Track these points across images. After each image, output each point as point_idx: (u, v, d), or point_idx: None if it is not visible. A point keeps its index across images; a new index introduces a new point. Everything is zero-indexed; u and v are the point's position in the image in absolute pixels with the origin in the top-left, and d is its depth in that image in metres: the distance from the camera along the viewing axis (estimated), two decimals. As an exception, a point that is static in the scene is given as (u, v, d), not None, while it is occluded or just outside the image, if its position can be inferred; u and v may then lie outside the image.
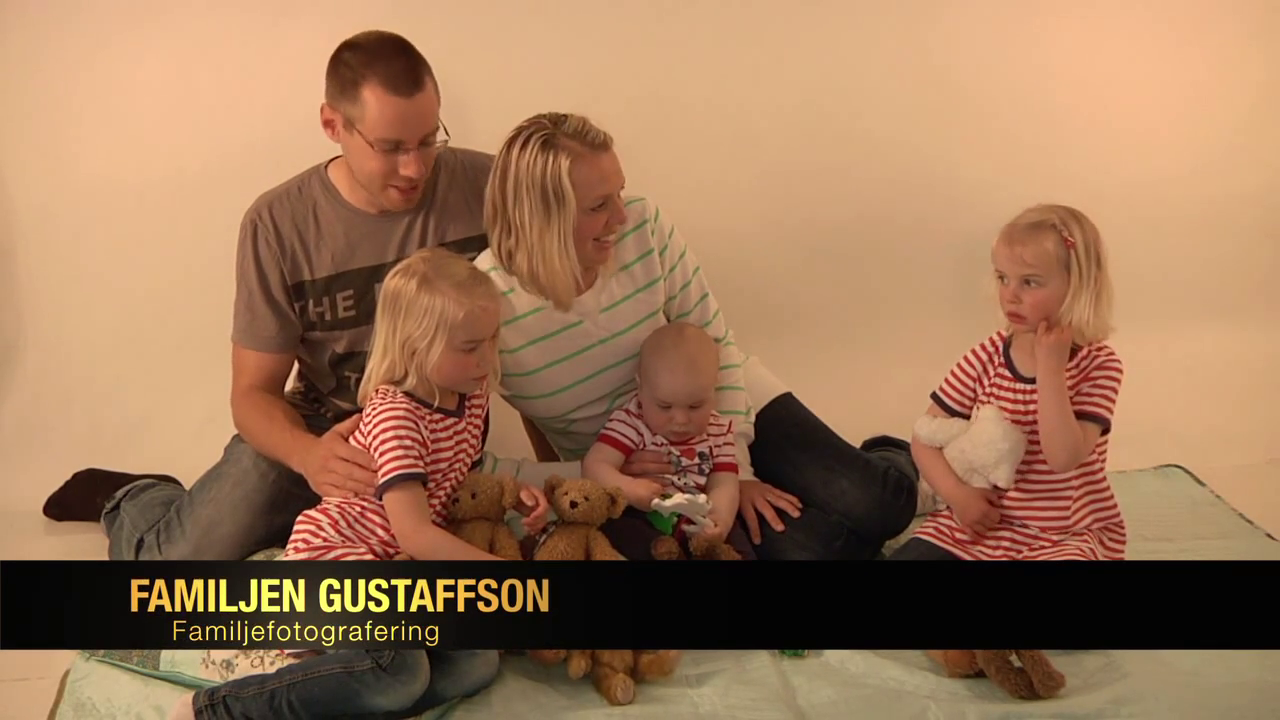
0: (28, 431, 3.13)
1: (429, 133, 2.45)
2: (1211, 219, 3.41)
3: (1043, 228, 2.28)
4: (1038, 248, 2.27)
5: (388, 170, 2.45)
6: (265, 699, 2.00)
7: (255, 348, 2.56)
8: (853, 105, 3.26)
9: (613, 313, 2.53)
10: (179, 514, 2.58)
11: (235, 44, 3.06)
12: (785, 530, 2.50)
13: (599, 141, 2.38)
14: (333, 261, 2.54)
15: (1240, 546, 2.65)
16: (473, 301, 2.23)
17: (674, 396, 2.44)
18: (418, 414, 2.25)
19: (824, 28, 3.22)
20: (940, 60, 3.27)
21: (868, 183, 3.30)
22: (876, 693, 2.13)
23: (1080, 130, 3.33)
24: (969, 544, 2.39)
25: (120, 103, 3.07)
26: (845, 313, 3.37)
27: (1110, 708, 2.05)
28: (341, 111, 2.44)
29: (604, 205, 2.39)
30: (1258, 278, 3.45)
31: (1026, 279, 2.28)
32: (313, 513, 2.25)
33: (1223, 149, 3.38)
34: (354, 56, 2.43)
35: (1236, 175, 3.39)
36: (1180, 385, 3.31)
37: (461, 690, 2.10)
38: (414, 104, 2.41)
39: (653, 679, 2.15)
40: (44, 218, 3.11)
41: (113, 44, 3.04)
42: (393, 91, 2.39)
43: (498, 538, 2.30)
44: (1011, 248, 2.29)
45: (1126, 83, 3.33)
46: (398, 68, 2.40)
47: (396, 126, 2.41)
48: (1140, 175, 3.35)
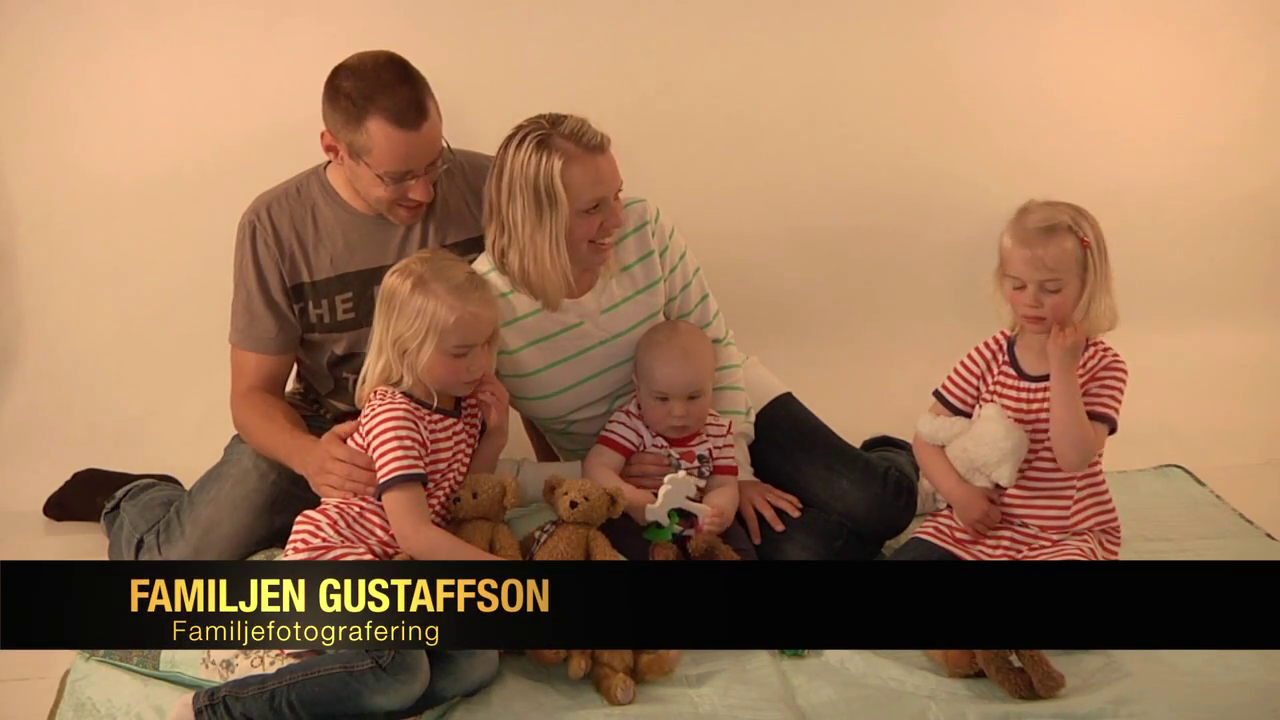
0: (28, 431, 3.13)
1: (437, 157, 2.45)
2: (1212, 219, 3.41)
3: (1058, 230, 2.27)
4: (1058, 250, 2.26)
5: (396, 196, 2.45)
6: (265, 699, 2.00)
7: (254, 349, 2.56)
8: (854, 106, 3.26)
9: (613, 314, 2.53)
10: (179, 514, 2.58)
11: (235, 44, 3.06)
12: (785, 530, 2.50)
13: (595, 143, 2.37)
14: (332, 264, 2.54)
15: (1240, 546, 2.65)
16: (465, 307, 2.22)
17: (670, 387, 2.44)
18: (417, 414, 2.25)
19: (824, 29, 3.22)
20: (942, 62, 3.27)
21: (868, 183, 3.30)
22: (876, 693, 2.13)
23: (1081, 131, 3.33)
24: (969, 543, 2.39)
25: (120, 102, 3.07)
26: (845, 313, 3.37)
27: (1110, 708, 2.05)
28: (345, 141, 2.41)
29: (598, 207, 2.39)
30: (1258, 278, 3.46)
31: (1046, 283, 2.27)
32: (312, 513, 2.25)
33: (1223, 150, 3.38)
34: (354, 87, 2.38)
35: (1237, 176, 3.39)
36: (1180, 385, 3.31)
37: (461, 690, 2.10)
38: (421, 135, 2.39)
39: (653, 679, 2.15)
40: (44, 218, 3.11)
41: (112, 44, 3.04)
42: (399, 125, 2.36)
43: (498, 538, 2.30)
44: (1032, 251, 2.26)
45: (1128, 84, 3.34)
46: (402, 100, 2.37)
47: (405, 159, 2.39)
48: (1141, 176, 3.36)
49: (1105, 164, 3.34)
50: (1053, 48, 3.30)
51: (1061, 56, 3.31)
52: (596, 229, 2.41)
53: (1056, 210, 2.29)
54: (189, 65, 3.06)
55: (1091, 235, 2.27)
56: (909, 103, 3.27)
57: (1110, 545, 2.38)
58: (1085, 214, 2.31)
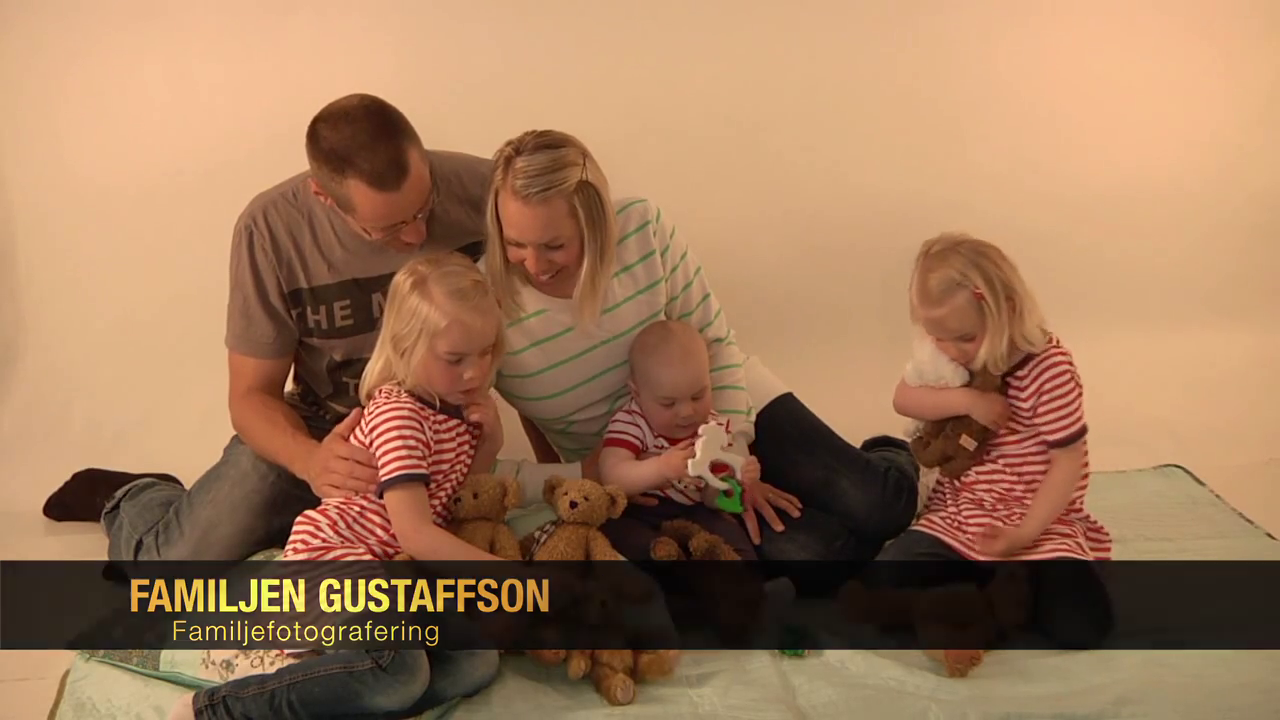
0: (28, 431, 3.13)
1: (424, 203, 2.40)
2: (1213, 220, 3.41)
3: (951, 289, 2.33)
4: (954, 310, 2.33)
5: (389, 239, 2.42)
6: (265, 699, 2.00)
7: (251, 353, 2.55)
8: (854, 105, 3.26)
9: (614, 314, 2.53)
10: (178, 515, 2.57)
11: (233, 44, 3.06)
12: (785, 530, 2.50)
13: (520, 190, 2.32)
14: (330, 270, 2.52)
15: (1240, 546, 2.65)
16: (458, 313, 2.22)
17: (676, 390, 2.44)
18: (421, 414, 2.25)
19: (825, 28, 3.22)
20: (943, 62, 3.27)
21: (869, 183, 3.30)
22: (877, 693, 2.13)
23: (1084, 130, 3.33)
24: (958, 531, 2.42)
25: (119, 103, 3.08)
26: (845, 313, 3.37)
27: (1111, 708, 2.05)
28: (331, 193, 2.37)
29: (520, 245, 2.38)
30: (1258, 278, 3.45)
31: (958, 338, 2.36)
32: (312, 513, 2.25)
33: (1224, 151, 3.38)
34: (334, 143, 2.31)
35: (1238, 177, 3.39)
36: (1180, 385, 3.31)
37: (461, 690, 2.09)
38: (402, 194, 2.33)
39: (653, 679, 2.15)
40: (43, 218, 3.11)
41: (111, 44, 3.04)
42: (379, 188, 2.31)
43: (498, 538, 2.30)
44: (930, 312, 2.36)
45: (1128, 84, 3.33)
46: (380, 161, 2.29)
47: (389, 216, 2.35)
48: (1141, 176, 3.36)
49: (1106, 164, 3.34)
50: (1054, 48, 3.30)
51: (1062, 57, 3.30)
52: (518, 257, 2.40)
53: (949, 261, 2.33)
54: (188, 64, 3.06)
55: (983, 284, 2.31)
56: (909, 103, 3.27)
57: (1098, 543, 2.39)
58: (980, 257, 2.33)
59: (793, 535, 2.49)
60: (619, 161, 2.43)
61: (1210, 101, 3.35)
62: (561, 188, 2.32)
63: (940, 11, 3.25)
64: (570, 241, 2.37)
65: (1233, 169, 3.39)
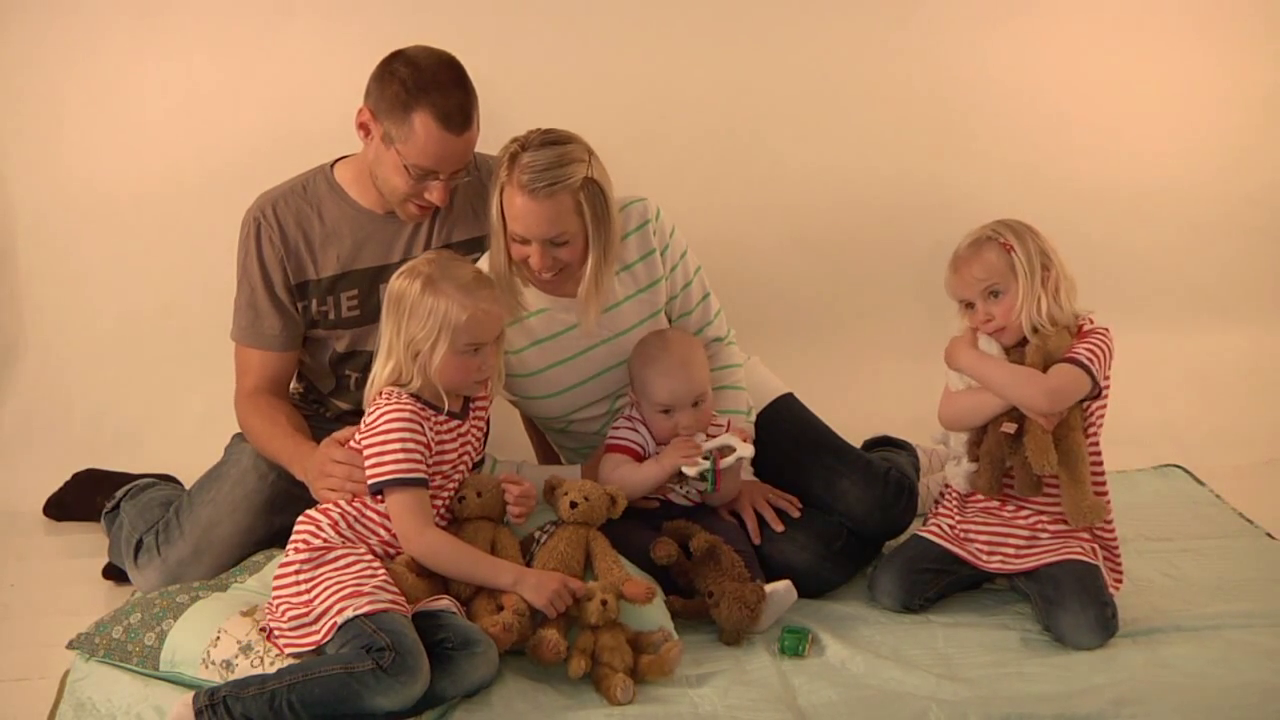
0: (28, 431, 3.13)
1: (463, 167, 2.45)
2: (1213, 220, 3.41)
3: (980, 243, 2.36)
4: (982, 261, 2.35)
5: (413, 191, 2.45)
6: (265, 699, 2.00)
7: (259, 346, 2.56)
8: (855, 105, 3.26)
9: (614, 313, 2.53)
10: (178, 515, 2.57)
11: (234, 46, 3.06)
12: (785, 530, 2.50)
13: (527, 185, 2.32)
14: (338, 261, 2.54)
15: (1240, 546, 2.66)
16: (476, 304, 2.22)
17: (675, 399, 2.44)
18: (423, 416, 2.24)
19: (825, 28, 3.22)
20: (942, 63, 3.27)
21: (869, 183, 3.30)
22: (877, 693, 2.13)
23: (1085, 131, 3.33)
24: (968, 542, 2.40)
25: (119, 103, 3.08)
26: (846, 313, 3.37)
27: (1111, 709, 2.05)
28: (383, 124, 2.41)
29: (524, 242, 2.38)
30: (1259, 278, 3.46)
31: (985, 293, 2.34)
32: (313, 513, 2.25)
33: (1224, 151, 3.38)
34: (410, 76, 2.38)
35: (1238, 177, 3.39)
36: (1180, 385, 3.31)
37: (461, 690, 2.09)
38: (461, 141, 2.40)
39: (653, 679, 2.15)
40: (43, 218, 3.11)
41: (112, 46, 3.04)
42: (444, 126, 2.37)
43: (499, 538, 2.30)
44: (959, 272, 2.38)
45: (1129, 85, 3.34)
46: (454, 102, 2.38)
47: (438, 159, 2.40)
48: (1142, 177, 3.36)
49: (1106, 165, 3.34)
50: (1052, 49, 3.30)
51: (1061, 58, 3.30)
52: (521, 255, 2.40)
53: (984, 228, 2.38)
54: (188, 66, 3.06)
55: (1016, 241, 2.33)
56: (910, 103, 3.27)
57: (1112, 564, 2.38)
58: (1015, 225, 2.36)
59: (793, 535, 2.49)
60: (619, 161, 2.43)
61: (1210, 101, 3.36)
62: (567, 183, 2.32)
63: (941, 13, 3.25)
64: (575, 238, 2.38)
65: (1233, 169, 3.39)
